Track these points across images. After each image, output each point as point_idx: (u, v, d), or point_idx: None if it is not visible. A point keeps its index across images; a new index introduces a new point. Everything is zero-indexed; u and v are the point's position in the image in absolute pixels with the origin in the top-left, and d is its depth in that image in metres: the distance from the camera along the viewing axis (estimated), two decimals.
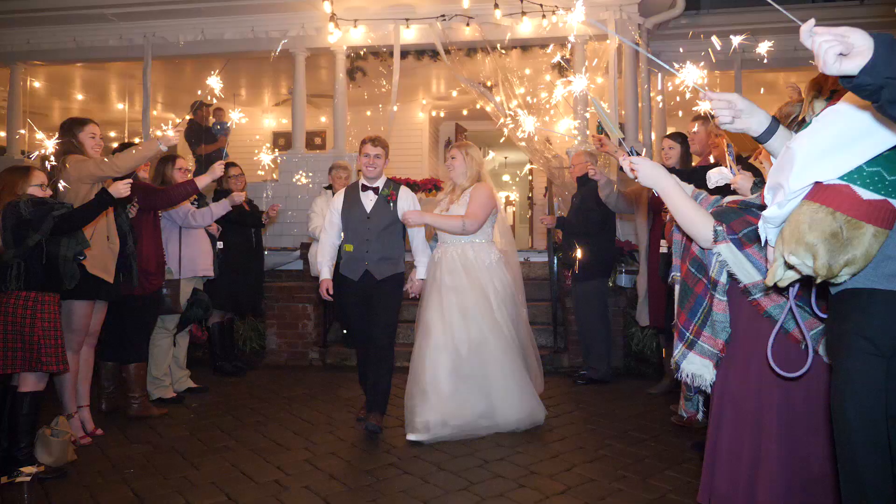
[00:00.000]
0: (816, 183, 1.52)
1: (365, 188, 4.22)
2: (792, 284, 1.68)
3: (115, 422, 4.39)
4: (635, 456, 3.70)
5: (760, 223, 1.65)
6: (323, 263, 4.27)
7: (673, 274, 2.34)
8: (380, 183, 4.22)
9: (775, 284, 1.66)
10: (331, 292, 4.21)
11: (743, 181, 2.47)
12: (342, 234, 4.24)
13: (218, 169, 4.51)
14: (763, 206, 1.93)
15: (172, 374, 5.08)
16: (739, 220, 1.97)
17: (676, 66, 2.08)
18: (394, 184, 4.29)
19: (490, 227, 4.25)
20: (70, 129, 3.98)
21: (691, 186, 2.26)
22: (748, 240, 1.94)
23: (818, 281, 1.52)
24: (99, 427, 4.16)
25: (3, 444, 3.40)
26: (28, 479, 3.09)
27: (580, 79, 2.46)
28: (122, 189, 3.56)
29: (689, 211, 2.03)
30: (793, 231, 1.51)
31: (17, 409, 3.41)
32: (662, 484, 3.28)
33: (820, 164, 1.50)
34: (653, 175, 2.10)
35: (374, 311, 4.13)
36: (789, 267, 1.58)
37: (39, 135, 3.51)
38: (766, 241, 1.69)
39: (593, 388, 5.30)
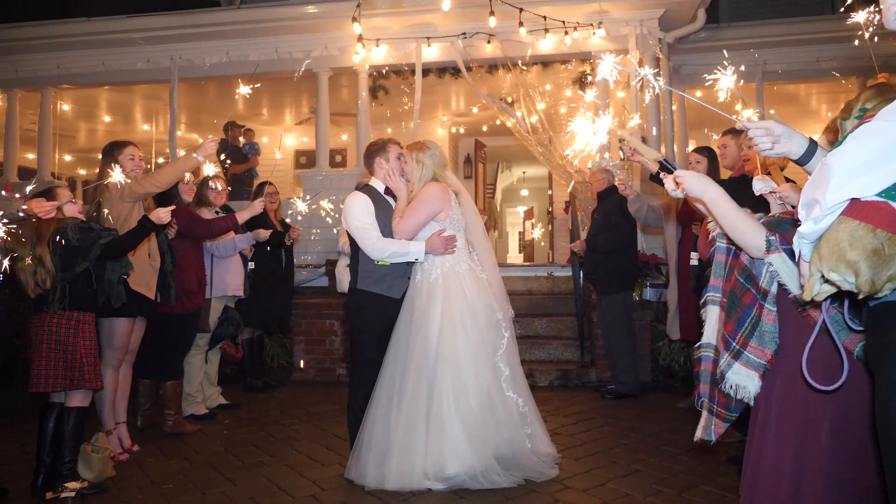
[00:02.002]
0: (853, 199, 1.53)
1: (387, 192, 3.79)
2: (827, 298, 1.69)
3: (151, 438, 4.45)
4: (669, 470, 3.68)
5: (795, 238, 1.66)
6: (407, 244, 3.60)
7: (708, 294, 2.31)
8: None
9: (812, 299, 1.67)
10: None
11: (791, 191, 2.49)
12: None
13: (258, 206, 4.67)
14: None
15: (204, 390, 5.14)
16: (793, 231, 1.98)
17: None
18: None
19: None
20: (111, 153, 4.09)
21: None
22: None
23: (860, 297, 1.54)
24: (135, 443, 4.22)
25: (47, 460, 3.46)
26: (72, 494, 3.17)
27: (605, 119, 2.52)
28: (163, 216, 3.65)
29: (738, 220, 2.03)
30: (832, 248, 1.52)
31: (63, 424, 3.47)
32: (698, 498, 3.27)
33: (857, 181, 1.51)
34: (700, 186, 2.11)
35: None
36: (825, 281, 1.59)
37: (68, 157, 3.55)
38: (800, 257, 1.71)
39: (622, 402, 5.29)
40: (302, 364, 6.39)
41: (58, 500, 3.18)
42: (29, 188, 3.37)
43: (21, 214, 3.17)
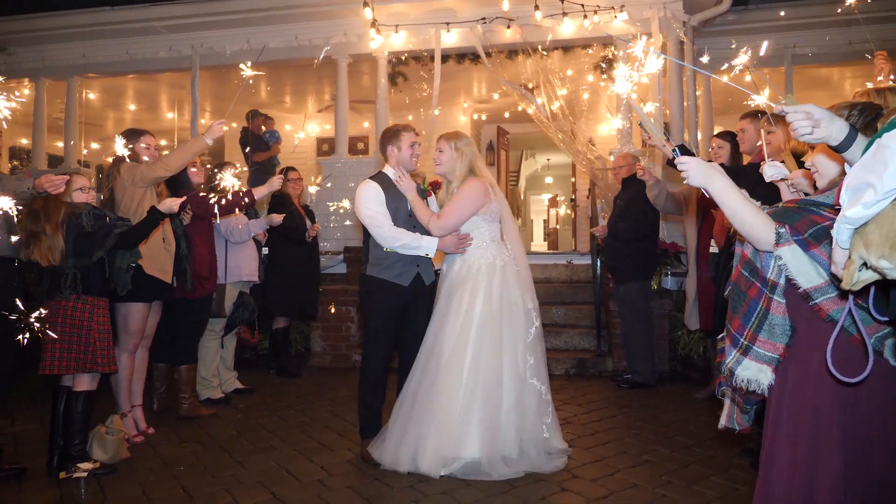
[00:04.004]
0: None
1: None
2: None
3: (166, 421, 4.53)
4: (680, 461, 3.63)
5: (837, 222, 1.56)
6: (419, 237, 3.62)
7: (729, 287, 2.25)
8: None
9: (840, 286, 1.60)
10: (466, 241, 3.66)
11: (803, 178, 2.40)
12: None
13: (276, 182, 4.69)
14: (832, 206, 1.86)
15: (220, 375, 5.20)
16: (803, 220, 1.89)
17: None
18: (425, 179, 3.90)
19: (486, 229, 3.68)
20: (128, 139, 4.13)
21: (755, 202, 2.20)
22: (815, 240, 1.86)
23: None
24: (151, 426, 4.29)
25: (60, 441, 3.54)
26: (84, 474, 3.22)
27: (623, 81, 2.41)
28: (171, 206, 3.70)
29: (746, 212, 1.94)
30: (886, 234, 1.43)
31: (71, 408, 3.54)
32: (708, 490, 3.21)
33: None
34: (704, 174, 1.99)
35: (415, 327, 3.74)
36: (865, 268, 1.51)
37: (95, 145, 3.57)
38: (836, 243, 1.62)
39: (638, 392, 5.22)
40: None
41: (70, 480, 3.24)
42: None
43: (30, 192, 3.24)
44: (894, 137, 1.44)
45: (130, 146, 4.12)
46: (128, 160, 4.06)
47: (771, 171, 2.49)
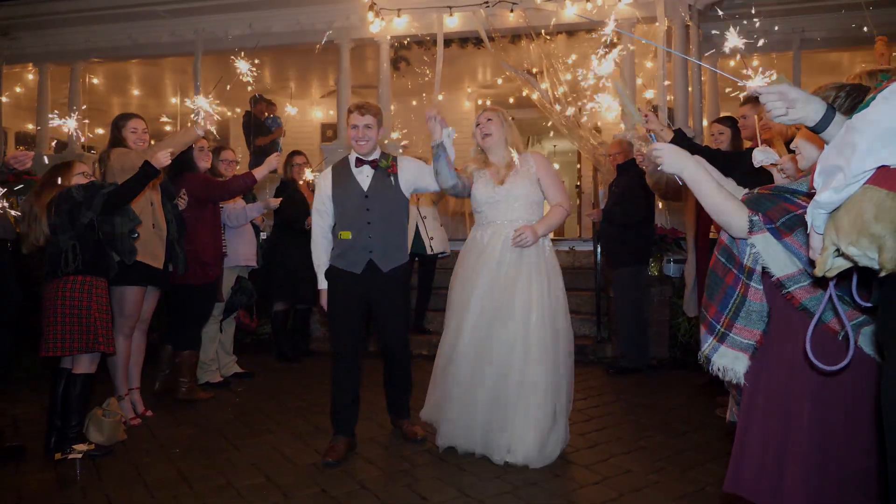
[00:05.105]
0: (881, 167, 1.40)
1: (359, 163, 3.59)
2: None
3: (164, 404, 4.55)
4: (675, 448, 3.62)
5: (810, 207, 1.53)
6: (319, 266, 3.65)
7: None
8: (375, 156, 3.62)
9: (814, 273, 1.57)
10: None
11: (791, 163, 2.37)
12: (333, 222, 3.69)
13: (274, 161, 4.66)
14: (806, 193, 1.83)
15: (220, 359, 5.22)
16: (776, 208, 1.87)
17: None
18: (390, 155, 3.67)
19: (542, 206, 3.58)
20: (116, 124, 4.14)
21: (743, 190, 2.18)
22: (787, 228, 1.85)
23: (882, 274, 1.42)
24: (149, 409, 4.32)
25: (58, 423, 3.57)
26: (79, 456, 3.25)
27: (607, 63, 2.38)
28: (162, 159, 3.67)
29: (719, 200, 1.95)
30: (854, 220, 1.40)
31: (70, 390, 3.58)
32: (702, 477, 3.20)
33: (889, 147, 1.38)
34: (677, 162, 2.02)
35: (383, 314, 3.65)
36: (839, 255, 1.48)
37: (98, 130, 3.59)
38: (812, 228, 1.59)
39: (635, 378, 5.21)
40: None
41: (66, 461, 3.27)
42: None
43: (1, 169, 3.27)
44: (863, 118, 1.40)
45: (119, 130, 4.11)
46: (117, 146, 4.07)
47: (761, 156, 2.47)
